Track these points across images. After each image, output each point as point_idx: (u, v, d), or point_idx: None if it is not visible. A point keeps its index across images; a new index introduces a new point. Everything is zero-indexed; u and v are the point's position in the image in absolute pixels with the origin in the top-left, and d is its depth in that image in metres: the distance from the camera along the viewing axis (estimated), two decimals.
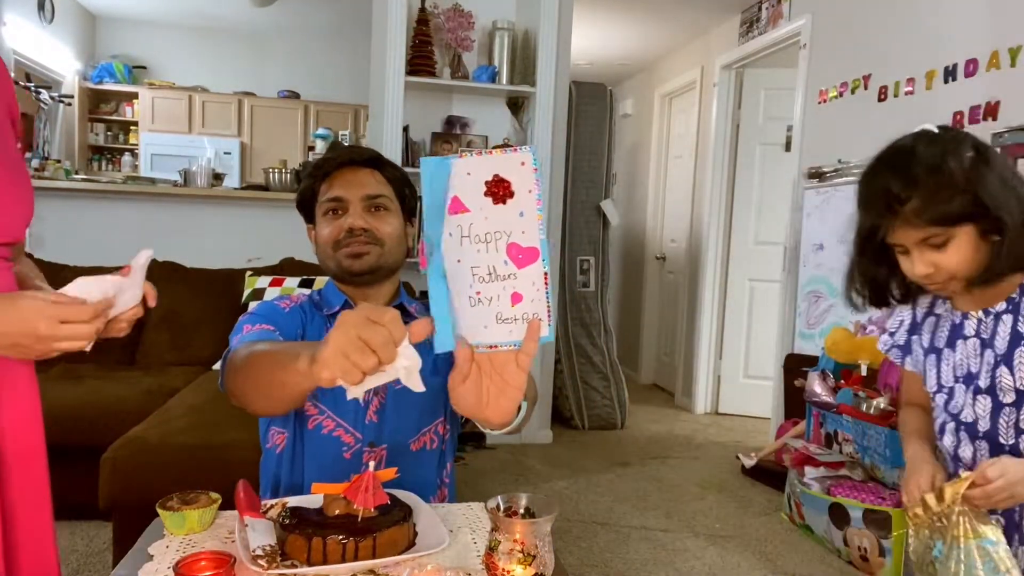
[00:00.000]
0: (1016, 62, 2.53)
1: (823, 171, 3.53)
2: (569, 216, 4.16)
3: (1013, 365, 1.01)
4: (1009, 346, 1.02)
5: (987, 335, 1.04)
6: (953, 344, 1.09)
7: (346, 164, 1.24)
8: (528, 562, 0.83)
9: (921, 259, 0.99)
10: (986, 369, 1.04)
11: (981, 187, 0.96)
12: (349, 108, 6.55)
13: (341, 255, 1.22)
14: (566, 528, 2.76)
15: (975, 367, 1.06)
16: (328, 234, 1.23)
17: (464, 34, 3.68)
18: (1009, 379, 1.01)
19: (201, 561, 0.82)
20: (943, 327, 1.13)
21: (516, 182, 0.77)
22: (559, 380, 4.24)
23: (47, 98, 5.40)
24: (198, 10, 6.05)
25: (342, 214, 1.22)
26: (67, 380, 2.75)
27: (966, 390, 1.08)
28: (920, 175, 0.96)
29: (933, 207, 0.95)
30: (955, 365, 1.10)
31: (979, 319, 1.06)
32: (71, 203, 3.49)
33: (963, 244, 0.97)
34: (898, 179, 0.97)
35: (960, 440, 1.11)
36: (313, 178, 1.26)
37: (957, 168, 0.96)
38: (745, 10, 4.35)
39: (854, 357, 2.70)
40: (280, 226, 3.65)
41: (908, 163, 0.98)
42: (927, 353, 1.16)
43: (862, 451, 2.60)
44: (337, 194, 1.22)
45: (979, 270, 1.00)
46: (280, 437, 1.24)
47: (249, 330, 1.18)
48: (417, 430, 1.24)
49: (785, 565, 2.56)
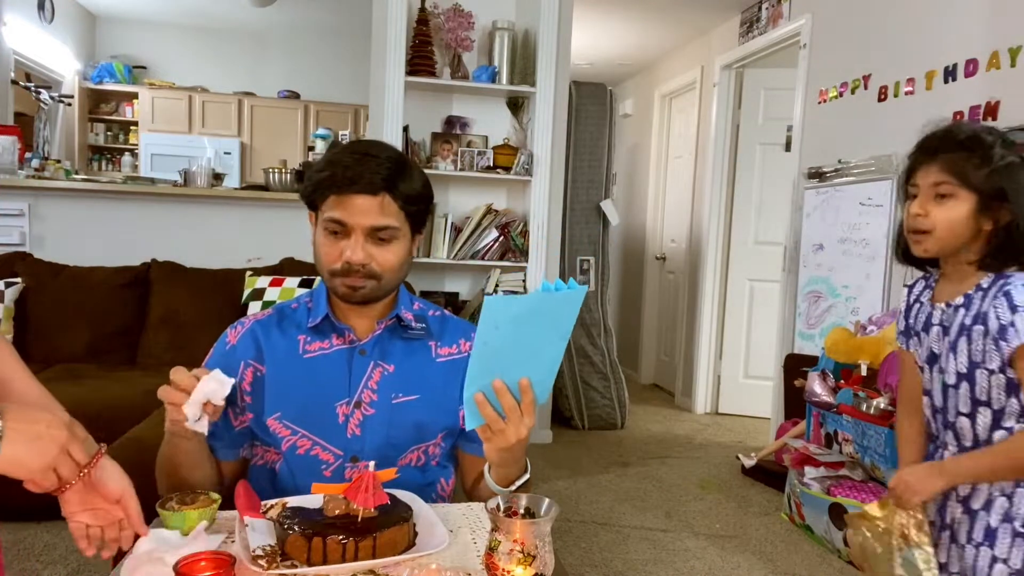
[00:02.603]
0: (1016, 62, 2.53)
1: (823, 171, 3.53)
2: (569, 216, 4.16)
3: (957, 351, 1.16)
4: (956, 335, 1.17)
5: (948, 324, 1.20)
6: (928, 330, 1.24)
7: (356, 192, 1.14)
8: (528, 562, 0.83)
9: (922, 202, 1.15)
10: (945, 353, 1.20)
11: (1009, 178, 1.11)
12: (349, 108, 6.55)
13: (337, 283, 1.17)
14: (566, 528, 2.76)
15: (937, 350, 1.22)
16: (326, 256, 1.17)
17: (464, 34, 3.68)
18: (953, 363, 1.16)
19: (201, 561, 0.82)
20: (922, 314, 1.27)
21: None
22: (559, 380, 4.24)
23: (47, 98, 5.40)
24: (198, 10, 6.05)
25: (343, 237, 1.15)
26: (67, 380, 2.75)
27: (929, 370, 1.24)
28: (968, 139, 1.14)
29: (961, 163, 1.11)
30: (927, 347, 1.25)
31: (943, 310, 1.21)
32: (71, 203, 3.49)
33: (959, 207, 1.12)
34: (960, 130, 1.16)
35: (929, 414, 1.26)
36: (320, 186, 1.16)
37: (998, 153, 1.12)
38: (745, 10, 4.35)
39: (854, 357, 2.70)
40: (280, 226, 3.65)
41: (972, 128, 1.17)
42: (912, 335, 1.32)
43: (862, 451, 2.60)
44: (340, 217, 1.13)
45: (956, 243, 1.15)
46: (268, 453, 1.22)
47: None
48: (408, 446, 1.21)
49: (785, 565, 2.56)
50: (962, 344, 1.16)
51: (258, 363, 1.20)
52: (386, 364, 1.21)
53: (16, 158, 3.47)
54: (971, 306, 1.16)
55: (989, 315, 1.13)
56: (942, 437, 1.24)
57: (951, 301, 1.20)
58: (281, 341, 1.22)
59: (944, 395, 1.20)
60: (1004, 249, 1.14)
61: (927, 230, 1.16)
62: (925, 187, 1.17)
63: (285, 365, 1.20)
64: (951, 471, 1.18)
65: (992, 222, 1.14)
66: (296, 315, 1.25)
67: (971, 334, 1.15)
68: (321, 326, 1.22)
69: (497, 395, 0.98)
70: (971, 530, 1.19)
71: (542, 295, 0.93)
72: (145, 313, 3.20)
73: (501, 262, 3.71)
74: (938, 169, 1.15)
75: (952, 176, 1.13)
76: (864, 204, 3.24)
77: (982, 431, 1.17)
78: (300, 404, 1.18)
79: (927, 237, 1.16)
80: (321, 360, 1.20)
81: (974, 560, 1.18)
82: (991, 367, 1.14)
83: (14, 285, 3.01)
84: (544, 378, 1.01)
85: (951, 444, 1.21)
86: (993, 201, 1.12)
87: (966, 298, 1.18)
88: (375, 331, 1.22)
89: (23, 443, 0.77)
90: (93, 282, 3.16)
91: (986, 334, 1.13)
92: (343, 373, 1.20)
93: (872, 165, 3.20)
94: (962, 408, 1.18)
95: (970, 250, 1.17)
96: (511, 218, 3.78)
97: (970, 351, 1.15)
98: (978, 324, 1.14)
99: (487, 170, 3.70)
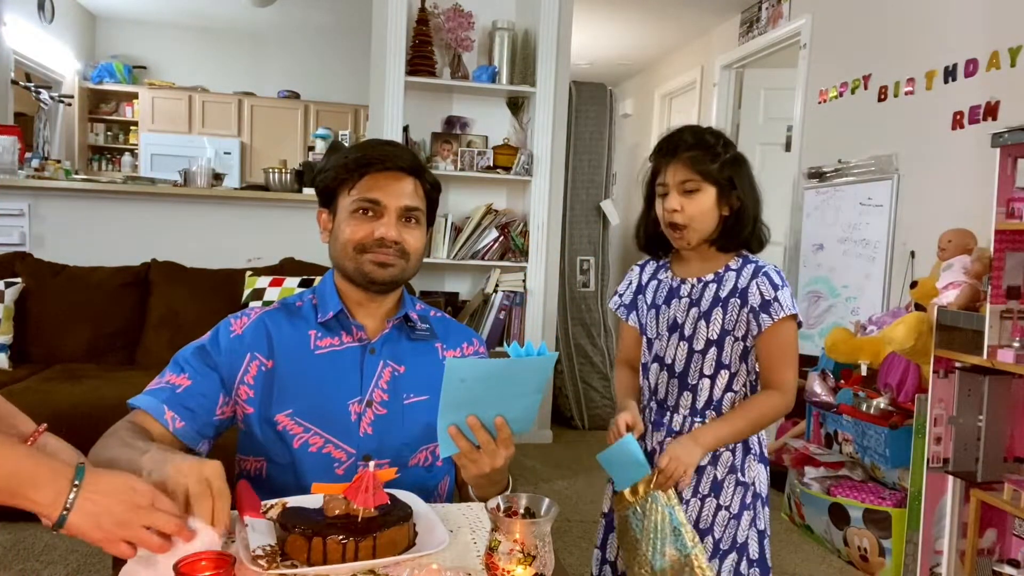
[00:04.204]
0: (1016, 62, 2.53)
1: (823, 171, 3.53)
2: (569, 216, 4.16)
3: (710, 320, 1.34)
4: (711, 305, 1.35)
5: (696, 297, 1.37)
6: (669, 302, 1.41)
7: (391, 169, 1.17)
8: (528, 562, 0.83)
9: (675, 198, 1.31)
10: (690, 323, 1.37)
11: (736, 170, 1.33)
12: (349, 108, 6.55)
13: (365, 259, 1.16)
14: (566, 528, 2.76)
15: (681, 319, 1.38)
16: (353, 235, 1.16)
17: (464, 34, 3.68)
18: (704, 330, 1.34)
19: (201, 561, 0.81)
20: (663, 289, 1.45)
21: None
22: (559, 380, 4.24)
23: (47, 98, 5.40)
24: (198, 10, 6.05)
25: (374, 218, 1.16)
26: (67, 380, 2.75)
27: (669, 337, 1.40)
28: (705, 137, 1.34)
29: (702, 160, 1.30)
30: (668, 318, 1.41)
31: (692, 284, 1.38)
32: (71, 203, 3.49)
33: (705, 199, 1.31)
34: (690, 134, 1.34)
35: (659, 379, 1.41)
36: (347, 170, 1.17)
37: (726, 149, 1.35)
38: (745, 10, 4.35)
39: (854, 357, 2.70)
40: (280, 226, 3.65)
41: (699, 130, 1.36)
42: (649, 308, 1.47)
43: (862, 451, 2.60)
44: (376, 197, 1.15)
45: (707, 231, 1.33)
46: (254, 463, 1.21)
47: (167, 382, 1.18)
48: (418, 446, 1.20)
49: (785, 565, 2.55)
50: (716, 314, 1.33)
51: (266, 357, 1.18)
52: (396, 364, 1.21)
53: (16, 158, 3.47)
54: (724, 282, 1.35)
55: (750, 291, 1.33)
56: (673, 400, 1.39)
57: (701, 277, 1.37)
58: (292, 335, 1.20)
59: (688, 359, 1.36)
60: (734, 230, 1.34)
61: (684, 224, 1.32)
62: (674, 184, 1.32)
63: (296, 360, 1.18)
64: (706, 439, 1.32)
65: (728, 208, 1.34)
66: (303, 311, 1.23)
67: (727, 305, 1.33)
68: (331, 322, 1.21)
69: (472, 430, 0.99)
70: (698, 484, 1.37)
71: (508, 363, 0.93)
72: (145, 313, 3.20)
73: (501, 262, 3.71)
74: (683, 167, 1.31)
75: (695, 173, 1.30)
76: (864, 204, 3.25)
77: (717, 392, 1.36)
78: (313, 401, 1.17)
79: (687, 230, 1.32)
80: (333, 357, 1.19)
81: (699, 511, 1.37)
82: (738, 335, 1.34)
83: (14, 285, 3.01)
84: (521, 417, 1.01)
85: (683, 407, 1.37)
86: (726, 190, 1.32)
87: (716, 276, 1.37)
88: (384, 329, 1.22)
89: (87, 516, 0.80)
90: (93, 282, 3.15)
91: (742, 306, 1.33)
92: (355, 371, 1.19)
93: (872, 165, 3.20)
94: (706, 371, 1.35)
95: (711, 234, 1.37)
96: (511, 218, 3.78)
97: (724, 320, 1.33)
98: (735, 297, 1.33)
99: (487, 170, 3.70)
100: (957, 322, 2.13)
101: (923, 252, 2.89)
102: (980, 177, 2.56)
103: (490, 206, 3.73)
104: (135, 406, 1.18)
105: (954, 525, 2.19)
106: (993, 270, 1.98)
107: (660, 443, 1.38)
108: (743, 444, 1.37)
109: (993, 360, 1.96)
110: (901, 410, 2.42)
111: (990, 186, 1.97)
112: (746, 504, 1.37)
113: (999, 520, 2.16)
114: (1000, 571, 2.05)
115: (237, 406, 1.19)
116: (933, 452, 2.22)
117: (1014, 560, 2.09)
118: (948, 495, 2.21)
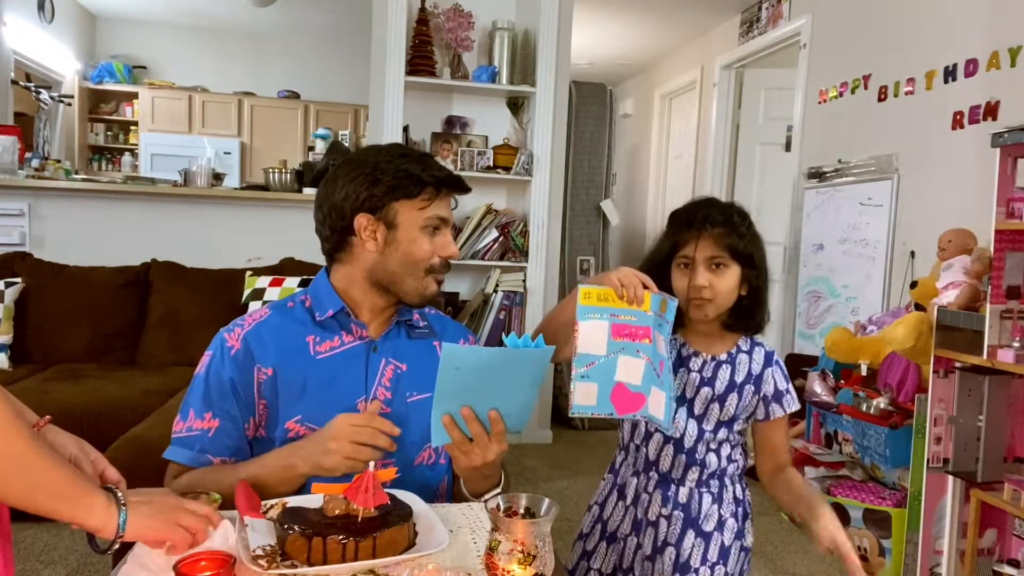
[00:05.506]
0: (1016, 62, 2.53)
1: (823, 171, 3.53)
2: (569, 216, 4.16)
3: (725, 404, 1.31)
4: (726, 390, 1.32)
5: (708, 376, 1.33)
6: (676, 370, 1.34)
7: (455, 188, 1.21)
8: (528, 562, 0.83)
9: (703, 273, 1.27)
10: (701, 401, 1.33)
11: (756, 247, 1.31)
12: (349, 108, 6.56)
13: (430, 280, 1.19)
14: (566, 528, 2.76)
15: (690, 395, 1.33)
16: (427, 253, 1.17)
17: (464, 34, 3.68)
18: (717, 412, 1.32)
19: (201, 561, 0.81)
20: (673, 347, 1.39)
21: None
22: (560, 380, 4.24)
23: (47, 98, 5.40)
24: (198, 10, 6.05)
25: (437, 235, 1.19)
26: (67, 380, 2.75)
27: (676, 409, 1.33)
28: (734, 214, 1.30)
29: (732, 237, 1.28)
30: (676, 385, 1.36)
31: (704, 361, 1.34)
32: (71, 203, 3.49)
33: (731, 277, 1.28)
34: (719, 210, 1.30)
35: (663, 452, 1.35)
36: (421, 182, 1.15)
37: (750, 226, 1.32)
38: (745, 10, 4.35)
39: (854, 357, 2.70)
40: (280, 226, 3.65)
41: (726, 205, 1.33)
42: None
43: (862, 451, 2.60)
44: (444, 215, 1.19)
45: (727, 307, 1.30)
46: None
47: (198, 428, 1.14)
48: (422, 444, 1.20)
49: (785, 565, 2.55)
50: (731, 399, 1.32)
51: (265, 365, 1.17)
52: (399, 362, 1.22)
53: (16, 158, 3.47)
54: (738, 365, 1.34)
55: (764, 379, 1.33)
56: (679, 474, 1.35)
57: (715, 356, 1.34)
58: (289, 342, 1.18)
59: (699, 438, 1.33)
60: (749, 310, 1.32)
61: (710, 299, 1.29)
62: (701, 259, 1.28)
63: (297, 367, 1.17)
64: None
65: (747, 288, 1.31)
66: (295, 312, 1.22)
67: (742, 391, 1.32)
68: (328, 322, 1.20)
69: (465, 422, 0.99)
70: (706, 552, 1.34)
71: (504, 352, 0.93)
72: (145, 313, 3.20)
73: (501, 262, 3.71)
74: (712, 243, 1.28)
75: (724, 250, 1.27)
76: (864, 204, 3.25)
77: (724, 463, 1.35)
78: (320, 405, 1.15)
79: (709, 304, 1.29)
80: (336, 359, 1.19)
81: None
82: (746, 416, 1.34)
83: (14, 285, 3.01)
84: (516, 412, 1.01)
85: (690, 480, 1.34)
86: (747, 269, 1.29)
87: (729, 356, 1.34)
88: (387, 328, 1.23)
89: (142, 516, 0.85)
90: (93, 282, 3.16)
91: (755, 392, 1.33)
92: (359, 370, 1.19)
93: (872, 165, 3.20)
94: (712, 446, 1.34)
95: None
96: (511, 218, 3.78)
97: (737, 406, 1.32)
98: (749, 384, 1.33)
99: (487, 170, 3.70)
100: (957, 322, 2.13)
101: (923, 252, 2.89)
102: (980, 177, 2.56)
103: (490, 206, 3.73)
104: (177, 461, 1.15)
105: (954, 525, 2.19)
106: (993, 270, 1.98)
107: (667, 516, 1.34)
108: (743, 509, 1.37)
109: (993, 360, 1.96)
110: (901, 410, 2.42)
111: (990, 186, 1.97)
112: (743, 571, 1.39)
113: (999, 520, 2.16)
114: (1000, 571, 2.05)
115: (260, 421, 1.19)
116: (933, 452, 2.22)
117: (1014, 560, 2.09)
118: (948, 495, 2.21)
